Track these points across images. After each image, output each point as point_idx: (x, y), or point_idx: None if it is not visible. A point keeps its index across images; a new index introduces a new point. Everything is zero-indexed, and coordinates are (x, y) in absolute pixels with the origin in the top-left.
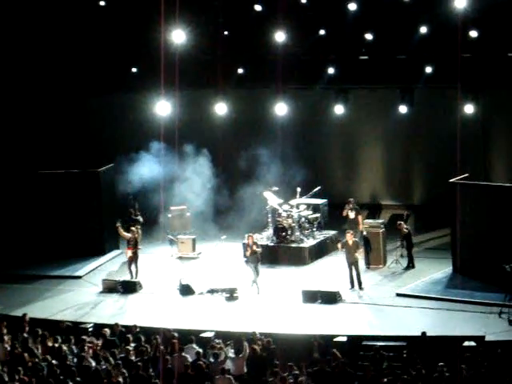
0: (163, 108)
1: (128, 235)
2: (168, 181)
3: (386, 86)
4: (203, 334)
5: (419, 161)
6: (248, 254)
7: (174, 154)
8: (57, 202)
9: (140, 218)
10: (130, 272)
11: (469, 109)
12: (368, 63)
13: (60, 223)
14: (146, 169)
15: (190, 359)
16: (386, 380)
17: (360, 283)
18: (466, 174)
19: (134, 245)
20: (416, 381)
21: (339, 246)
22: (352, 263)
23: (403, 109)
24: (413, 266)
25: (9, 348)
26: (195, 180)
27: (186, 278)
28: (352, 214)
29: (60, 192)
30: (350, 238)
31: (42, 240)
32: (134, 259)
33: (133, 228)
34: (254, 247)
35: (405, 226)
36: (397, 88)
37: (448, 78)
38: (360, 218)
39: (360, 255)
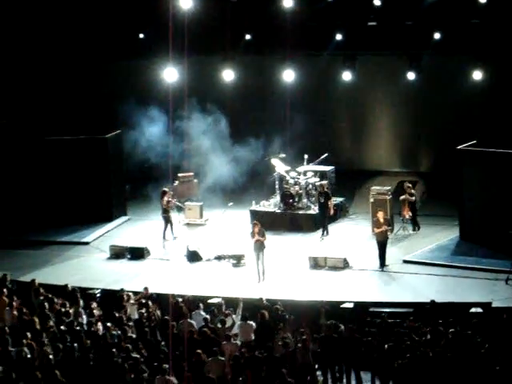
0: (171, 74)
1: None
2: (176, 147)
3: (394, 52)
4: (211, 301)
5: (427, 127)
6: (253, 241)
7: (181, 120)
8: (65, 169)
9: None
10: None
11: (477, 75)
12: (376, 29)
13: (68, 189)
14: (154, 134)
15: (195, 325)
16: (391, 346)
17: (383, 263)
18: (474, 141)
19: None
20: (422, 347)
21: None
22: (381, 241)
23: (411, 75)
24: (419, 228)
25: (16, 313)
26: (202, 146)
27: (194, 245)
28: (321, 199)
29: (68, 158)
30: (381, 215)
31: (50, 206)
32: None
33: (166, 189)
34: (259, 236)
35: (412, 191)
36: (405, 54)
37: (456, 44)
38: (330, 202)
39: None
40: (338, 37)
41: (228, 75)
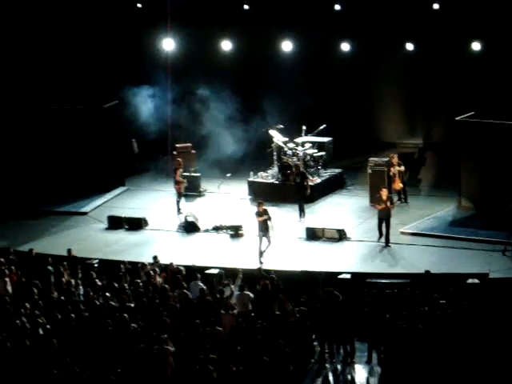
0: (169, 44)
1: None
2: (174, 118)
3: (393, 22)
4: (209, 271)
5: (425, 98)
6: (258, 220)
7: (179, 91)
8: (63, 139)
9: None
10: None
11: (476, 46)
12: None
13: (66, 160)
14: (152, 106)
15: (190, 295)
16: (388, 316)
17: (388, 241)
18: (472, 112)
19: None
20: (418, 318)
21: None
22: (383, 218)
23: (410, 46)
24: (406, 199)
25: (9, 281)
26: (200, 117)
27: (192, 216)
28: (298, 179)
29: (65, 128)
30: (384, 193)
31: (48, 176)
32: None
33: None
34: (265, 216)
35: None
36: (404, 25)
37: (455, 14)
38: (306, 182)
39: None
40: (337, 7)
41: (226, 46)
